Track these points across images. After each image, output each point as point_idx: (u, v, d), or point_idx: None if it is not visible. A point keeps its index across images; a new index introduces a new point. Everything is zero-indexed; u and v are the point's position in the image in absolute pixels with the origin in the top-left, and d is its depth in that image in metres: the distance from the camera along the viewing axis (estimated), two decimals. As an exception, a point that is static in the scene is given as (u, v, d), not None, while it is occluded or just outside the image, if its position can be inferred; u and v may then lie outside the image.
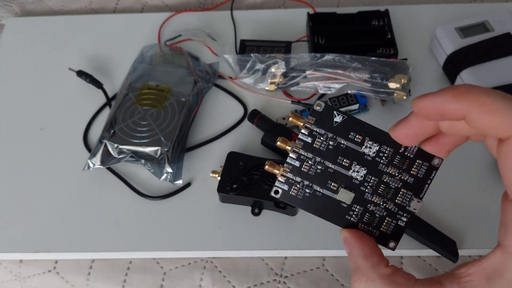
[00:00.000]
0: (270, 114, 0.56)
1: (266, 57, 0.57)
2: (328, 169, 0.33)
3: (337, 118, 0.33)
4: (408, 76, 0.54)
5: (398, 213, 0.34)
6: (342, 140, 0.33)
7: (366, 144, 0.33)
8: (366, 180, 0.34)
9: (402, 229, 0.34)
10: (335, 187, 0.33)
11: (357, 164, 0.33)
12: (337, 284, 0.48)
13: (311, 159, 0.33)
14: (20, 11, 0.71)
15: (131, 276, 0.49)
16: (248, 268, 0.49)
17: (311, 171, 0.33)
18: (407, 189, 0.33)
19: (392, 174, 0.33)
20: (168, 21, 0.66)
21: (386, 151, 0.33)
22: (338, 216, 0.34)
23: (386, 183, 0.34)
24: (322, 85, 0.56)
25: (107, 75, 0.61)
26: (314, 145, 0.33)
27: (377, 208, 0.34)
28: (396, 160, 0.33)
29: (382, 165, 0.33)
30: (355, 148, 0.33)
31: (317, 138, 0.33)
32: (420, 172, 0.33)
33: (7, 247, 0.50)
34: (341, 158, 0.33)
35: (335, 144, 0.33)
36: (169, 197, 0.51)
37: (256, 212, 0.49)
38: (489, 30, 0.57)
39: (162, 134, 0.52)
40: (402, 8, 0.65)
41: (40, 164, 0.55)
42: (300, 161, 0.33)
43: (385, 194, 0.34)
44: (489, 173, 0.51)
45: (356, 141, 0.33)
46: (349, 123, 0.33)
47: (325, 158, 0.33)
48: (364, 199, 0.34)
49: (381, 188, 0.34)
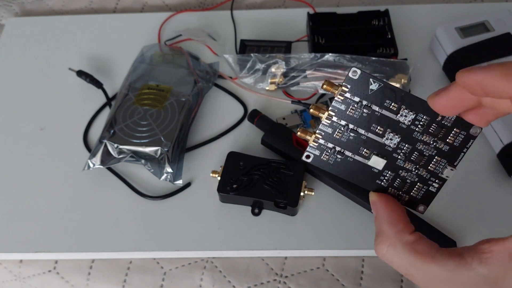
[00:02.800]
0: (270, 114, 0.55)
1: (266, 57, 0.57)
2: (361, 136, 0.33)
3: (373, 85, 0.33)
4: (408, 76, 0.54)
5: (430, 179, 0.34)
6: (376, 107, 0.33)
7: (402, 112, 0.33)
8: (399, 148, 0.34)
9: (433, 194, 0.35)
10: (367, 153, 0.34)
11: (391, 132, 0.33)
12: (337, 284, 0.48)
13: (344, 126, 0.33)
14: (20, 11, 0.71)
15: (131, 276, 0.49)
16: (248, 268, 0.49)
17: (343, 138, 0.33)
18: (441, 156, 0.33)
19: (427, 142, 0.33)
20: (168, 21, 0.66)
21: (422, 120, 0.33)
22: (369, 181, 0.34)
23: (420, 150, 0.34)
24: (322, 85, 0.56)
25: (107, 75, 0.61)
26: (348, 113, 0.33)
27: (408, 174, 0.34)
28: (432, 128, 0.33)
29: (417, 133, 0.33)
30: (390, 115, 0.33)
31: (351, 106, 0.33)
32: (456, 140, 0.33)
33: (7, 247, 0.50)
34: (374, 125, 0.33)
35: (369, 111, 0.33)
36: (169, 197, 0.51)
37: (256, 212, 0.49)
38: (489, 30, 0.57)
39: (162, 134, 0.52)
40: (402, 8, 0.65)
41: (40, 164, 0.55)
42: (333, 128, 0.33)
43: (418, 161, 0.34)
44: (489, 173, 0.51)
45: (391, 109, 0.33)
46: (385, 90, 0.33)
47: (359, 126, 0.33)
48: (396, 165, 0.34)
49: (414, 155, 0.34)
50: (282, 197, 0.48)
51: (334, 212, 0.50)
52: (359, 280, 0.48)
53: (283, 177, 0.49)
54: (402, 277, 0.48)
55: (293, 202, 0.48)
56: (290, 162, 0.50)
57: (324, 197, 0.51)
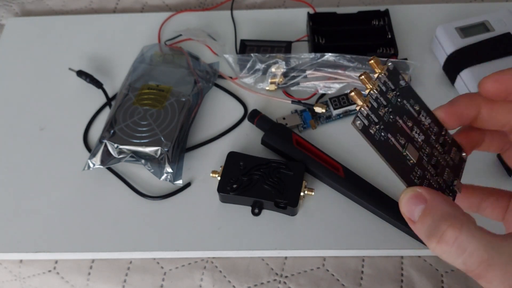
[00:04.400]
0: (270, 114, 0.55)
1: (266, 57, 0.57)
2: (397, 122, 0.33)
3: (402, 82, 0.35)
4: (408, 76, 0.55)
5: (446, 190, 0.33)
6: (406, 102, 0.34)
7: (422, 113, 0.34)
8: (423, 147, 0.34)
9: None
10: (403, 141, 0.33)
11: (417, 128, 0.34)
12: (337, 284, 0.48)
13: (386, 106, 0.33)
14: (20, 11, 0.71)
15: (131, 276, 0.49)
16: (248, 268, 0.49)
17: (385, 117, 0.33)
18: (450, 169, 0.34)
19: (440, 151, 0.34)
20: (168, 21, 0.66)
21: (434, 129, 0.34)
22: (405, 172, 0.33)
23: (436, 157, 0.34)
24: (322, 85, 0.56)
25: (107, 75, 0.61)
26: (388, 95, 0.34)
27: (432, 178, 0.33)
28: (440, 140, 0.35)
29: (432, 140, 0.34)
30: (414, 113, 0.34)
31: (389, 90, 0.34)
32: (455, 159, 0.35)
33: (7, 247, 0.50)
34: (406, 117, 0.34)
35: (401, 102, 0.34)
36: (169, 197, 0.51)
37: (256, 212, 0.49)
38: (490, 30, 0.57)
39: (162, 134, 0.52)
40: (402, 8, 0.65)
41: (40, 164, 0.55)
42: (378, 104, 0.33)
43: (436, 167, 0.34)
44: (489, 173, 0.51)
45: (415, 108, 0.34)
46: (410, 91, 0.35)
47: (395, 111, 0.34)
48: (422, 164, 0.33)
49: (434, 160, 0.34)
50: (282, 197, 0.48)
51: (334, 212, 0.50)
52: (359, 280, 0.48)
53: (283, 177, 0.49)
54: (402, 277, 0.48)
55: (293, 202, 0.48)
56: (290, 162, 0.50)
57: (324, 197, 0.51)
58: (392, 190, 0.50)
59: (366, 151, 0.53)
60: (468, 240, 0.27)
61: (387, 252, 0.48)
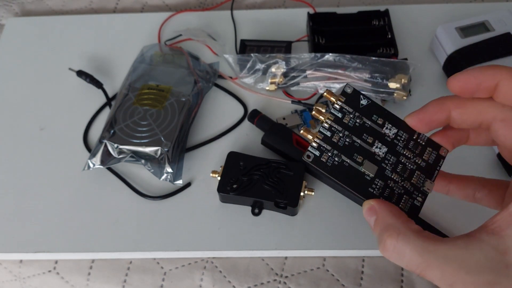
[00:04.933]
0: (270, 114, 0.55)
1: (266, 57, 0.57)
2: (354, 143, 0.36)
3: (363, 101, 0.37)
4: (408, 76, 0.54)
5: (414, 192, 0.36)
6: (366, 120, 0.37)
7: (387, 126, 0.37)
8: (386, 158, 0.36)
9: (418, 208, 0.36)
10: (360, 159, 0.36)
11: (379, 142, 0.36)
12: (337, 284, 0.48)
13: (341, 132, 0.36)
14: (20, 11, 0.71)
15: (131, 276, 0.49)
16: (248, 268, 0.49)
17: (340, 142, 0.36)
18: (420, 171, 0.36)
19: (408, 157, 0.36)
20: (168, 21, 0.66)
21: (403, 136, 0.37)
22: (362, 188, 0.36)
23: (403, 163, 0.36)
24: (322, 85, 0.56)
25: (107, 75, 0.61)
26: (344, 120, 0.37)
27: (396, 185, 0.36)
28: (410, 145, 0.37)
29: (399, 147, 0.37)
30: (377, 128, 0.37)
31: (346, 115, 0.37)
32: (430, 158, 0.37)
33: (7, 247, 0.50)
34: (366, 135, 0.36)
35: (361, 122, 0.37)
36: (169, 197, 0.51)
37: (256, 212, 0.49)
38: (490, 30, 0.57)
39: (162, 134, 0.52)
40: (402, 8, 0.65)
41: (40, 164, 0.55)
42: (331, 132, 0.36)
43: (402, 173, 0.36)
44: (489, 173, 0.51)
45: (378, 123, 0.37)
46: (372, 107, 0.37)
47: (353, 133, 0.36)
48: (385, 175, 0.36)
49: (399, 168, 0.36)
50: (282, 197, 0.48)
51: (334, 212, 0.50)
52: (359, 280, 0.48)
53: (283, 177, 0.49)
54: (402, 277, 0.48)
55: (293, 202, 0.48)
56: (290, 162, 0.50)
57: (324, 197, 0.50)
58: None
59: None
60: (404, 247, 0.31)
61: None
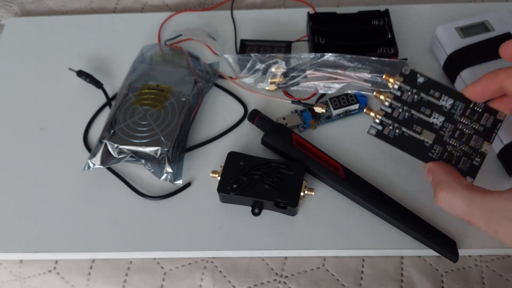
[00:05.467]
0: (270, 114, 0.56)
1: (267, 57, 0.57)
2: (413, 116, 0.43)
3: (420, 79, 0.44)
4: (408, 76, 0.54)
5: (472, 154, 0.42)
6: (424, 95, 0.43)
7: (443, 98, 0.43)
8: (444, 126, 0.43)
9: (477, 168, 0.42)
10: (419, 129, 0.43)
11: (436, 113, 0.43)
12: (337, 284, 0.48)
13: (400, 107, 0.43)
14: (20, 11, 0.71)
15: (131, 276, 0.49)
16: (248, 268, 0.49)
17: (400, 117, 0.43)
18: (478, 135, 0.42)
19: (465, 123, 0.42)
20: (168, 21, 0.66)
21: (460, 106, 0.43)
22: (422, 153, 0.43)
23: (461, 129, 0.42)
24: (322, 85, 0.56)
25: (107, 75, 0.61)
26: (403, 97, 0.43)
27: (454, 149, 0.42)
28: (467, 113, 0.42)
29: (456, 115, 0.42)
30: (434, 101, 0.43)
31: (404, 92, 0.43)
32: (488, 123, 0.42)
33: (7, 247, 0.50)
34: (424, 108, 0.43)
35: (418, 97, 0.43)
36: (169, 197, 0.51)
37: (256, 212, 0.49)
38: (490, 30, 0.57)
39: (162, 134, 0.52)
40: (402, 8, 0.65)
41: (40, 164, 0.55)
42: (392, 108, 0.43)
43: (460, 138, 0.42)
44: (489, 173, 0.51)
45: (435, 96, 0.43)
46: (430, 83, 0.43)
47: (411, 107, 0.43)
48: (443, 141, 0.42)
49: (457, 133, 0.42)
50: (282, 197, 0.48)
51: (334, 212, 0.50)
52: (359, 280, 0.48)
53: (283, 177, 0.49)
54: (402, 277, 0.48)
55: (293, 202, 0.48)
56: (290, 162, 0.50)
57: (324, 197, 0.51)
58: (392, 190, 0.50)
59: (366, 151, 0.53)
60: (453, 198, 0.37)
61: (387, 252, 0.48)
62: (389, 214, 0.47)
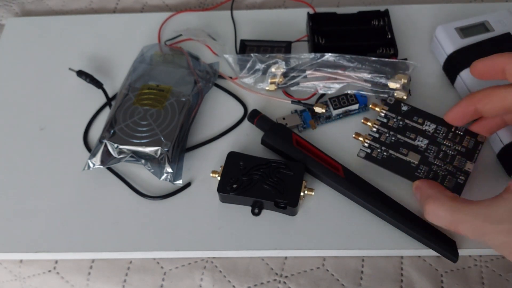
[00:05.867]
0: (270, 114, 0.56)
1: (266, 57, 0.57)
2: (399, 139, 0.47)
3: (404, 107, 0.49)
4: (408, 76, 0.54)
5: (457, 173, 0.46)
6: (408, 121, 0.48)
7: (426, 123, 0.48)
8: (428, 148, 0.47)
9: (462, 185, 0.46)
10: (405, 151, 0.47)
11: (420, 136, 0.47)
12: (337, 284, 0.48)
13: (387, 132, 0.48)
14: (20, 11, 0.71)
15: (131, 276, 0.49)
16: (248, 268, 0.49)
17: (387, 140, 0.48)
18: (461, 155, 0.46)
19: (448, 145, 0.47)
20: (168, 21, 0.66)
21: (442, 130, 0.47)
22: (409, 173, 0.46)
23: (445, 151, 0.46)
24: (322, 85, 0.56)
25: (107, 75, 0.61)
26: (389, 124, 0.48)
27: (439, 168, 0.46)
28: (450, 136, 0.47)
29: (439, 139, 0.47)
30: (418, 126, 0.48)
31: (390, 119, 0.49)
32: (469, 144, 0.47)
33: (7, 247, 0.50)
34: (408, 133, 0.48)
35: (403, 123, 0.48)
36: (169, 197, 0.51)
37: (256, 212, 0.49)
38: (489, 30, 0.57)
39: (162, 134, 0.52)
40: (402, 8, 0.65)
41: (40, 164, 0.55)
42: (379, 133, 0.48)
43: (444, 159, 0.46)
44: (489, 173, 0.51)
45: (418, 122, 0.48)
46: (413, 110, 0.49)
47: (397, 132, 0.48)
48: (428, 161, 0.46)
49: (441, 154, 0.46)
50: (282, 197, 0.48)
51: (334, 212, 0.50)
52: (359, 280, 0.48)
53: (283, 177, 0.49)
54: (402, 277, 0.48)
55: (293, 202, 0.48)
56: (290, 162, 0.50)
57: (324, 197, 0.51)
58: (392, 190, 0.50)
59: (366, 151, 0.53)
60: (438, 210, 0.40)
61: (387, 252, 0.48)
62: (389, 214, 0.47)
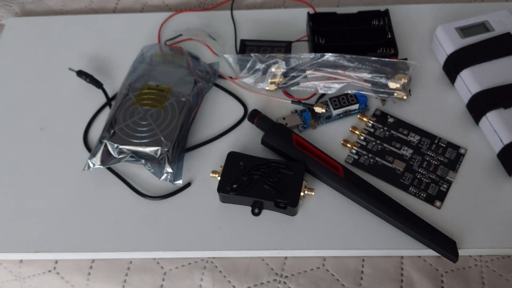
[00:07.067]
0: (270, 114, 0.55)
1: (266, 57, 0.57)
2: (385, 148, 0.51)
3: (390, 119, 0.53)
4: (408, 76, 0.54)
5: (440, 181, 0.49)
6: (394, 131, 0.52)
7: (411, 134, 0.52)
8: (413, 157, 0.50)
9: (444, 193, 0.49)
10: (391, 159, 0.51)
11: (405, 146, 0.51)
12: (337, 284, 0.48)
13: (374, 141, 0.51)
14: (20, 11, 0.71)
15: (131, 276, 0.49)
16: (248, 268, 0.49)
17: (374, 148, 0.51)
18: (444, 165, 0.50)
19: (431, 156, 0.50)
20: (168, 21, 0.66)
21: (425, 141, 0.51)
22: (394, 179, 0.50)
23: (428, 160, 0.50)
24: (322, 85, 0.56)
25: (107, 75, 0.61)
26: (375, 133, 0.52)
27: (424, 176, 0.49)
28: (433, 147, 0.51)
29: (423, 149, 0.51)
30: (403, 137, 0.52)
31: (377, 129, 0.53)
32: (451, 155, 0.51)
33: (7, 247, 0.50)
34: (394, 142, 0.51)
35: (389, 134, 0.52)
36: (169, 197, 0.51)
37: (256, 212, 0.49)
38: (489, 30, 0.57)
39: (162, 134, 0.52)
40: (402, 8, 0.65)
41: (40, 164, 0.55)
42: (366, 141, 0.52)
43: (428, 168, 0.50)
44: (489, 173, 0.51)
45: (404, 133, 0.52)
46: (399, 122, 0.53)
47: (383, 141, 0.51)
48: (413, 169, 0.50)
49: (425, 164, 0.50)
50: (282, 197, 0.48)
51: (334, 212, 0.50)
52: (359, 280, 0.48)
53: (283, 177, 0.49)
54: (402, 277, 0.48)
55: (293, 202, 0.48)
56: (290, 162, 0.50)
57: (324, 197, 0.51)
58: (392, 190, 0.50)
59: (366, 151, 0.53)
60: None
61: (387, 252, 0.48)
62: (389, 214, 0.47)
